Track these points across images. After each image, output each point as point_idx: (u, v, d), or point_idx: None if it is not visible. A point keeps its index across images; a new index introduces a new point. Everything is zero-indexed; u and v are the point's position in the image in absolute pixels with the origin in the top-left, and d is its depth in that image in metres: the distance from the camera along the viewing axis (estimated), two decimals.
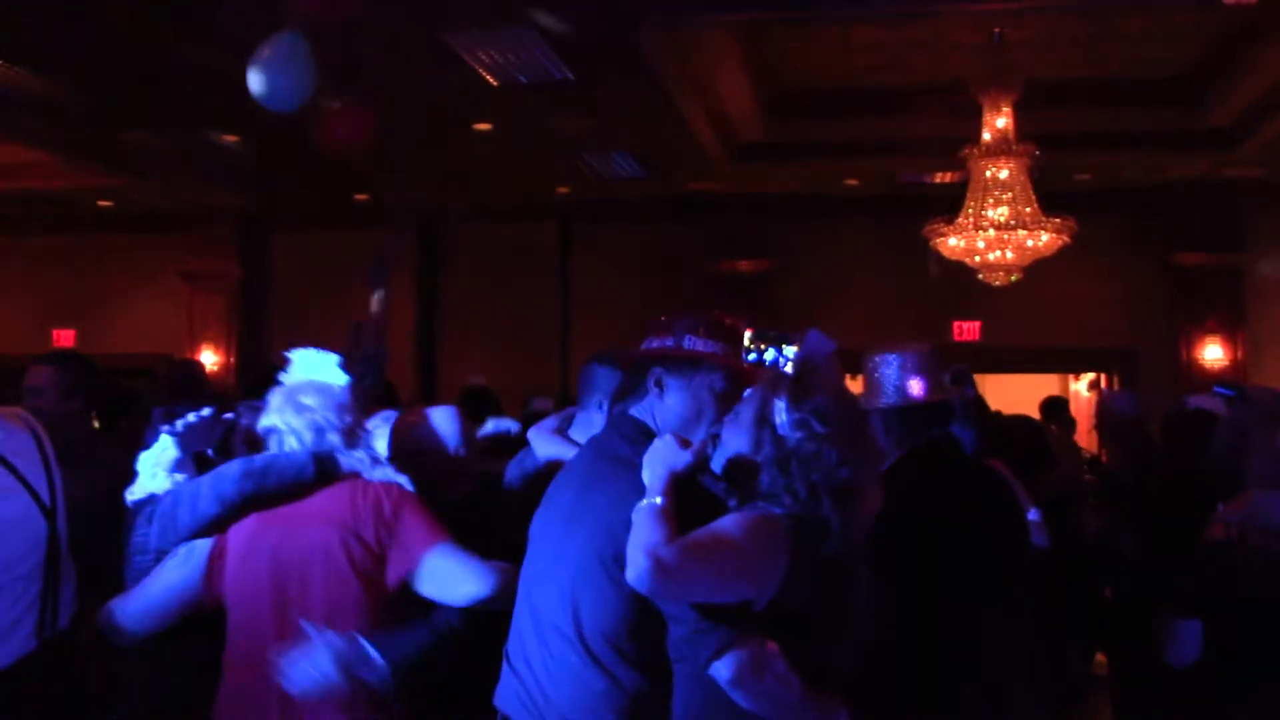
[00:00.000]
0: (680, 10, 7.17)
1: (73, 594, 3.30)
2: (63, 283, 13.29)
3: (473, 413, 4.14)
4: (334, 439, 2.97)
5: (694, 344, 2.59)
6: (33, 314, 13.27)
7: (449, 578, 2.78)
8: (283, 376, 3.12)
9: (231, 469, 2.86)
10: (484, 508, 3.33)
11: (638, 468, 2.40)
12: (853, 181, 11.44)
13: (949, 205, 9.31)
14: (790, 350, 2.84)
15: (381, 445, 3.26)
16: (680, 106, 8.76)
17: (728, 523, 2.35)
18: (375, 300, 4.71)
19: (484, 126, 9.39)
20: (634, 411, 2.63)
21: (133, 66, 7.91)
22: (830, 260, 12.07)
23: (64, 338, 13.25)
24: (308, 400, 2.99)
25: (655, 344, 2.64)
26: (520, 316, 12.60)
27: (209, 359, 12.70)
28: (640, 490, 2.34)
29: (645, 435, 2.54)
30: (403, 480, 3.01)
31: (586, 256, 12.69)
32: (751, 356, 2.77)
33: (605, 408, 3.44)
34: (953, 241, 9.04)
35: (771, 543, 2.34)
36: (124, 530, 3.32)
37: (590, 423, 3.59)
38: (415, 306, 12.96)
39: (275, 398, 3.02)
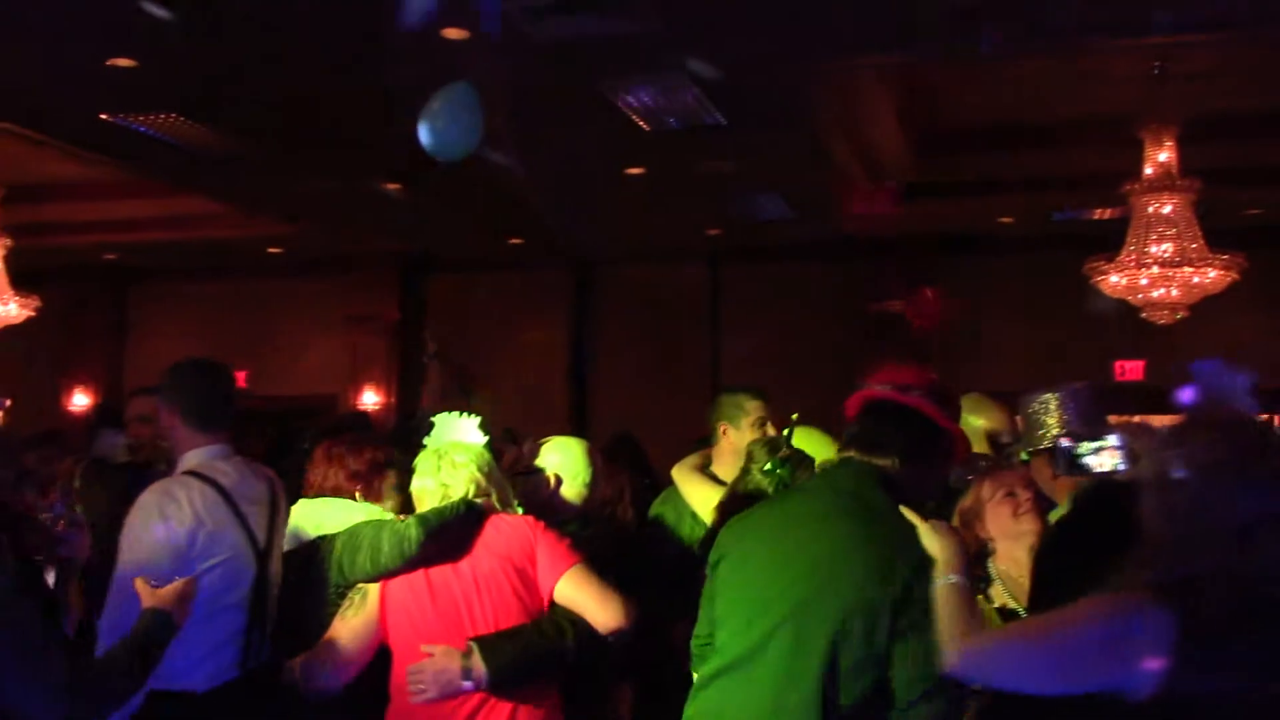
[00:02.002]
0: (832, 53, 7.18)
1: (268, 635, 3.51)
2: (234, 326, 13.88)
3: (618, 460, 4.28)
4: (483, 489, 3.24)
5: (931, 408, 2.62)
6: (204, 356, 13.85)
7: (581, 599, 2.99)
8: (428, 440, 3.39)
9: (408, 522, 3.08)
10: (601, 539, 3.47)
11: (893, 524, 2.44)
12: (1007, 219, 11.26)
13: (1108, 242, 9.10)
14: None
15: None
16: (830, 147, 8.77)
17: (1073, 609, 2.12)
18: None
19: (635, 171, 9.54)
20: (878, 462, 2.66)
21: (300, 119, 8.25)
22: (986, 299, 11.88)
23: (235, 379, 13.81)
24: (459, 459, 3.26)
25: (884, 392, 2.68)
26: (671, 358, 12.69)
27: (370, 399, 13.11)
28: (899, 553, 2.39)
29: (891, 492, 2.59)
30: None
31: (737, 299, 12.73)
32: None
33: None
34: (1114, 279, 8.82)
35: (1114, 627, 2.04)
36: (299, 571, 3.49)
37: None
38: (567, 348, 13.19)
39: (428, 459, 3.25)
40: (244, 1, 6.20)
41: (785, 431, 3.78)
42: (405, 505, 3.41)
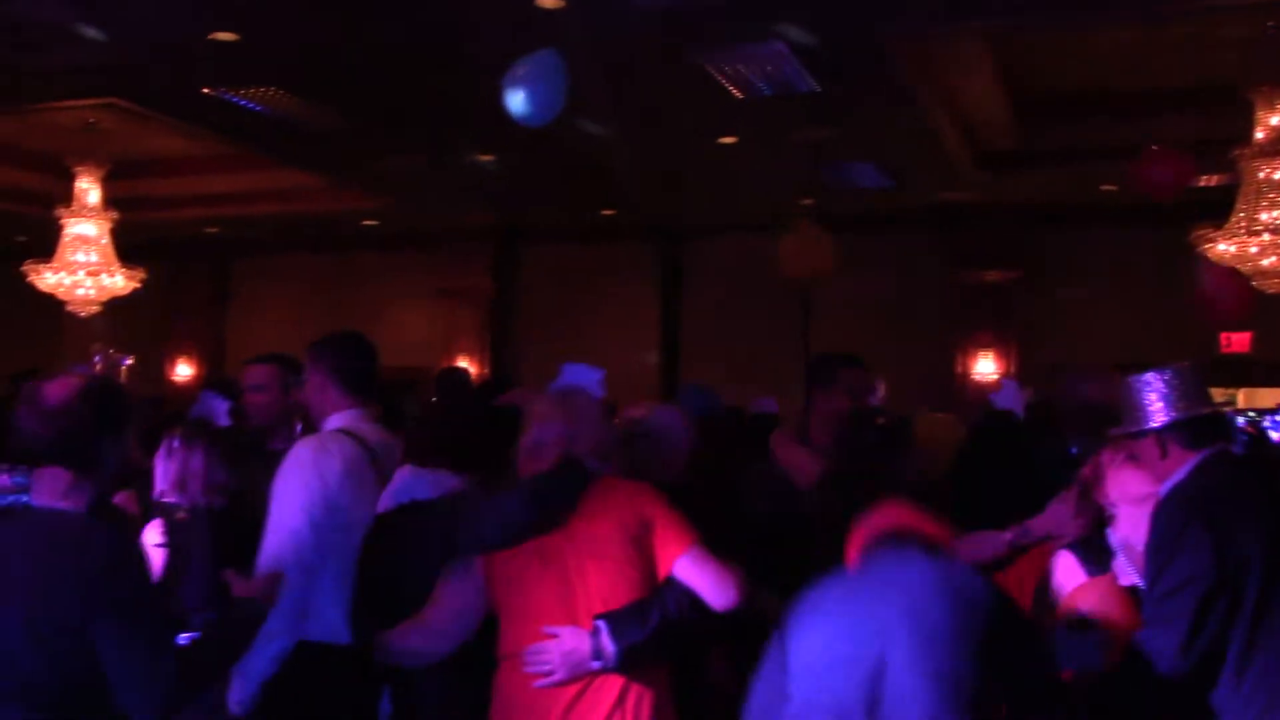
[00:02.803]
0: (928, 18, 7.06)
1: None
2: (330, 299, 14.08)
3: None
4: (602, 445, 3.14)
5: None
6: (303, 330, 14.05)
7: (703, 578, 2.91)
8: (552, 385, 3.33)
9: (513, 496, 3.01)
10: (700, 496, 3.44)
11: None
12: (1110, 187, 10.99)
13: (1214, 210, 8.83)
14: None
15: None
16: (926, 114, 8.63)
17: None
18: None
19: (728, 140, 9.48)
20: None
21: (395, 91, 8.33)
22: (1085, 270, 11.63)
23: None
24: (583, 407, 3.16)
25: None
26: (762, 329, 12.61)
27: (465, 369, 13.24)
28: None
29: None
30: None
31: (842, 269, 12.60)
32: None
33: None
34: (1222, 247, 8.56)
35: None
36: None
37: None
38: (658, 321, 13.18)
39: (544, 403, 3.16)
40: None
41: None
42: (500, 472, 3.38)
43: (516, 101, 5.33)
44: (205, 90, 8.17)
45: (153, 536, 3.16)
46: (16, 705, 2.40)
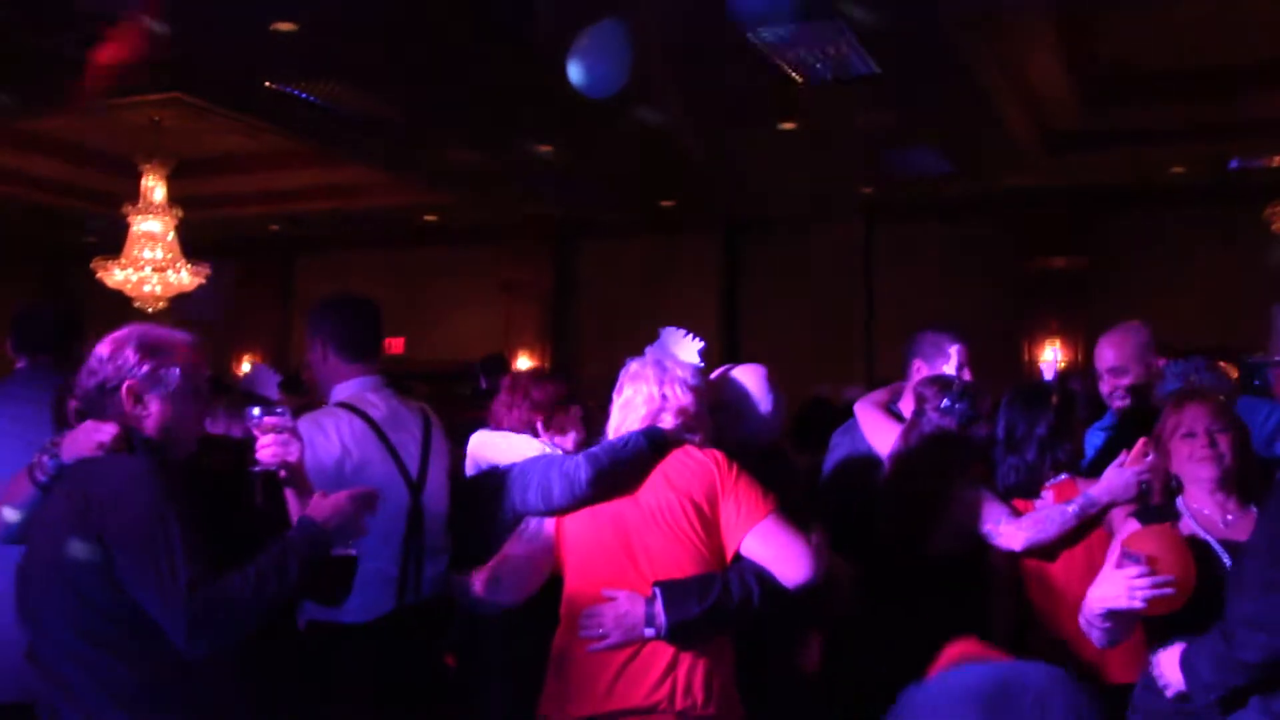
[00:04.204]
0: None
1: (442, 569, 3.52)
2: (392, 294, 14.10)
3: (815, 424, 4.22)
4: (693, 414, 3.05)
5: None
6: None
7: (773, 553, 2.84)
8: (649, 349, 3.26)
9: (579, 461, 2.96)
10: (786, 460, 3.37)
11: None
12: (1179, 169, 10.77)
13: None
14: None
15: None
16: (990, 95, 8.49)
17: None
18: None
19: (788, 125, 9.39)
20: None
21: (455, 83, 8.34)
22: (1157, 254, 11.39)
23: (394, 345, 14.15)
24: (681, 373, 3.07)
25: None
26: (824, 319, 12.50)
27: (524, 365, 13.25)
28: None
29: None
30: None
31: (892, 257, 12.47)
32: None
33: None
34: None
35: None
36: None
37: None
38: (717, 311, 13.11)
39: (647, 369, 3.10)
40: None
41: None
42: (589, 439, 3.33)
43: (579, 72, 5.30)
44: (267, 84, 8.23)
45: None
46: (72, 661, 2.43)
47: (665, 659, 2.83)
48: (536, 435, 3.45)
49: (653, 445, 2.95)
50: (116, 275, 10.71)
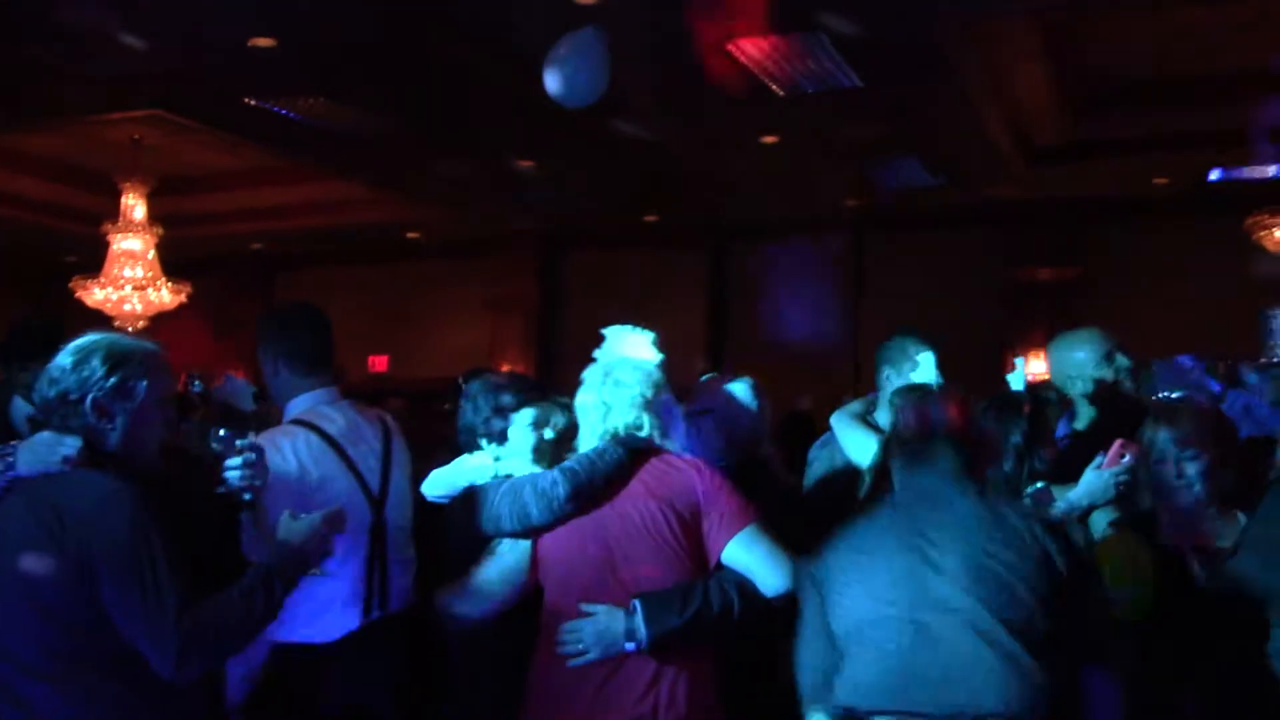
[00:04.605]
0: (976, 2, 6.92)
1: (409, 582, 3.44)
2: (376, 311, 14.10)
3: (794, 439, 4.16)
4: (647, 417, 3.01)
5: None
6: (350, 341, 14.10)
7: (752, 562, 2.83)
8: (598, 353, 3.20)
9: (553, 479, 2.92)
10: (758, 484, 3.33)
11: None
12: (1161, 180, 10.77)
13: (1265, 203, 8.62)
14: None
15: None
16: (974, 107, 8.47)
17: None
18: None
19: (771, 139, 9.36)
20: None
21: (436, 96, 8.29)
22: (1144, 264, 11.38)
23: (378, 363, 14.08)
24: (625, 377, 3.04)
25: None
26: (810, 331, 12.46)
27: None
28: None
29: None
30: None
31: (879, 269, 12.45)
32: None
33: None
34: None
35: None
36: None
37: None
38: (705, 324, 13.07)
39: (593, 374, 3.07)
40: None
41: None
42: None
43: (556, 82, 5.24)
44: (246, 100, 8.17)
45: None
46: (40, 679, 2.36)
47: (648, 673, 2.79)
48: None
49: (630, 453, 2.91)
50: (96, 294, 10.63)
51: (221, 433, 2.67)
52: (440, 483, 3.39)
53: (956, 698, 2.32)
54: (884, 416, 3.70)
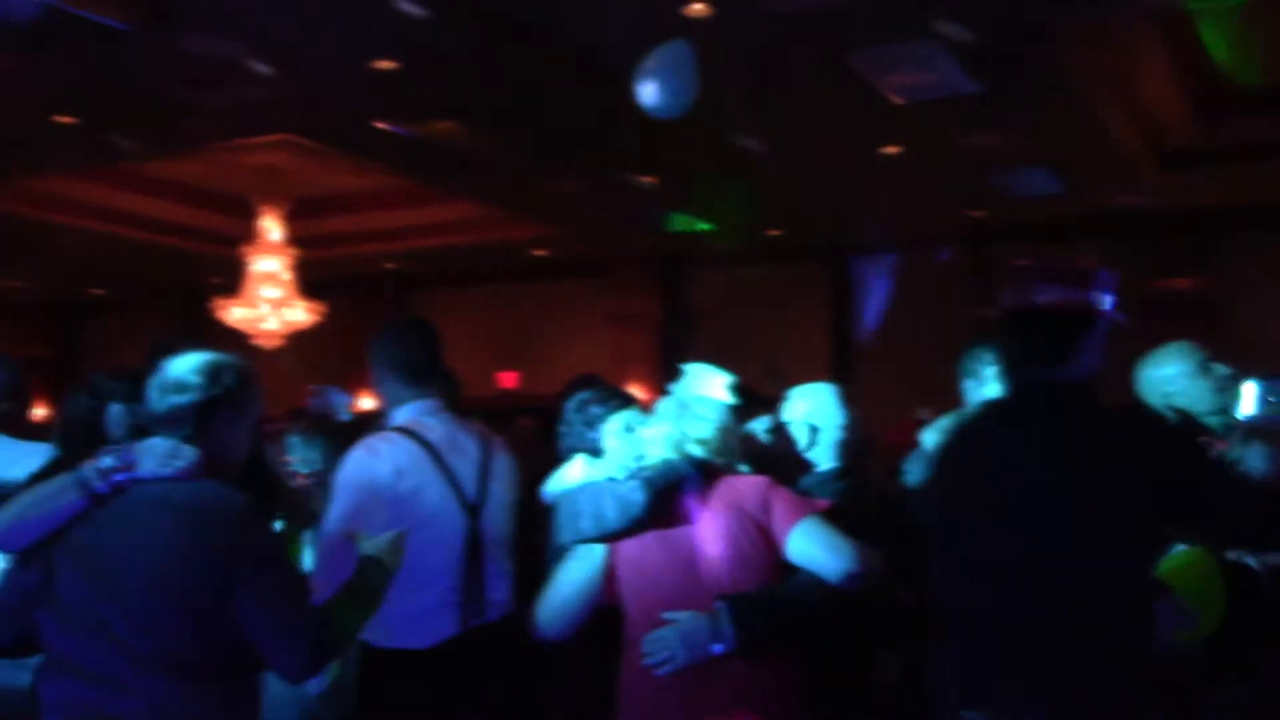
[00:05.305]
0: (1093, 4, 6.77)
1: (506, 594, 3.52)
2: (504, 328, 14.35)
3: None
4: (719, 447, 3.11)
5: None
6: (478, 359, 14.40)
7: (814, 549, 2.85)
8: (675, 387, 3.29)
9: (631, 485, 2.99)
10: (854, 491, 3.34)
11: None
12: None
13: None
14: None
15: None
16: (1098, 112, 8.28)
17: None
18: None
19: (891, 150, 9.28)
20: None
21: (555, 116, 8.42)
22: (1273, 276, 10.96)
23: (507, 379, 14.32)
24: (700, 411, 3.15)
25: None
26: (936, 347, 12.25)
27: (635, 395, 13.27)
28: None
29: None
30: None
31: (1002, 281, 12.19)
32: None
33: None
34: None
35: None
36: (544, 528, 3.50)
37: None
38: (828, 340, 12.99)
39: (670, 406, 3.14)
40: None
41: None
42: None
43: (648, 94, 5.30)
44: (372, 122, 8.41)
45: None
46: (169, 674, 2.47)
47: (736, 679, 2.79)
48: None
49: (700, 469, 2.98)
50: (235, 314, 11.03)
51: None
52: (546, 495, 3.50)
53: None
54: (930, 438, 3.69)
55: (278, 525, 3.60)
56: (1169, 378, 3.89)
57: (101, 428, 3.01)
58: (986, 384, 3.85)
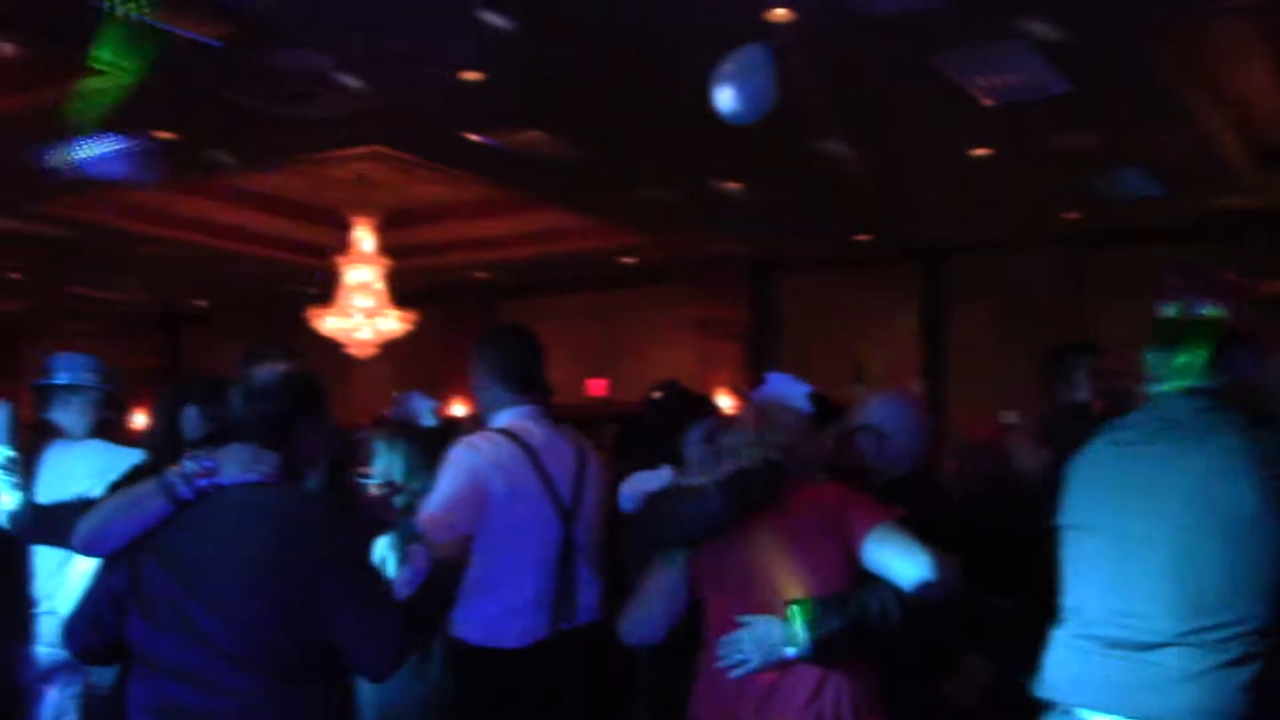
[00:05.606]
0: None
1: (596, 599, 3.55)
2: (592, 336, 14.42)
3: None
4: (792, 457, 3.08)
5: None
6: (569, 367, 14.48)
7: (890, 555, 2.82)
8: (754, 394, 3.31)
9: (709, 490, 2.99)
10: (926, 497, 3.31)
11: None
12: None
13: None
14: None
15: None
16: (1194, 110, 8.07)
17: None
18: None
19: (981, 152, 9.15)
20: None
21: (640, 124, 8.43)
22: None
23: (596, 387, 14.38)
24: (780, 419, 3.14)
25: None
26: (1032, 351, 12.03)
27: (723, 403, 13.24)
28: None
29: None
30: None
31: (1103, 284, 11.96)
32: None
33: None
34: None
35: None
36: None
37: None
38: (921, 346, 12.84)
39: (747, 412, 3.17)
40: (570, 1, 6.38)
41: None
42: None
43: (725, 100, 5.29)
44: (460, 133, 8.51)
45: None
46: (259, 673, 2.52)
47: (811, 681, 2.79)
48: None
49: (778, 472, 2.97)
50: (329, 324, 11.23)
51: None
52: (624, 500, 3.53)
53: None
54: None
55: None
56: None
57: (180, 433, 3.09)
58: (1078, 388, 3.79)
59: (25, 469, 3.79)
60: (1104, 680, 2.70)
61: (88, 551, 2.71)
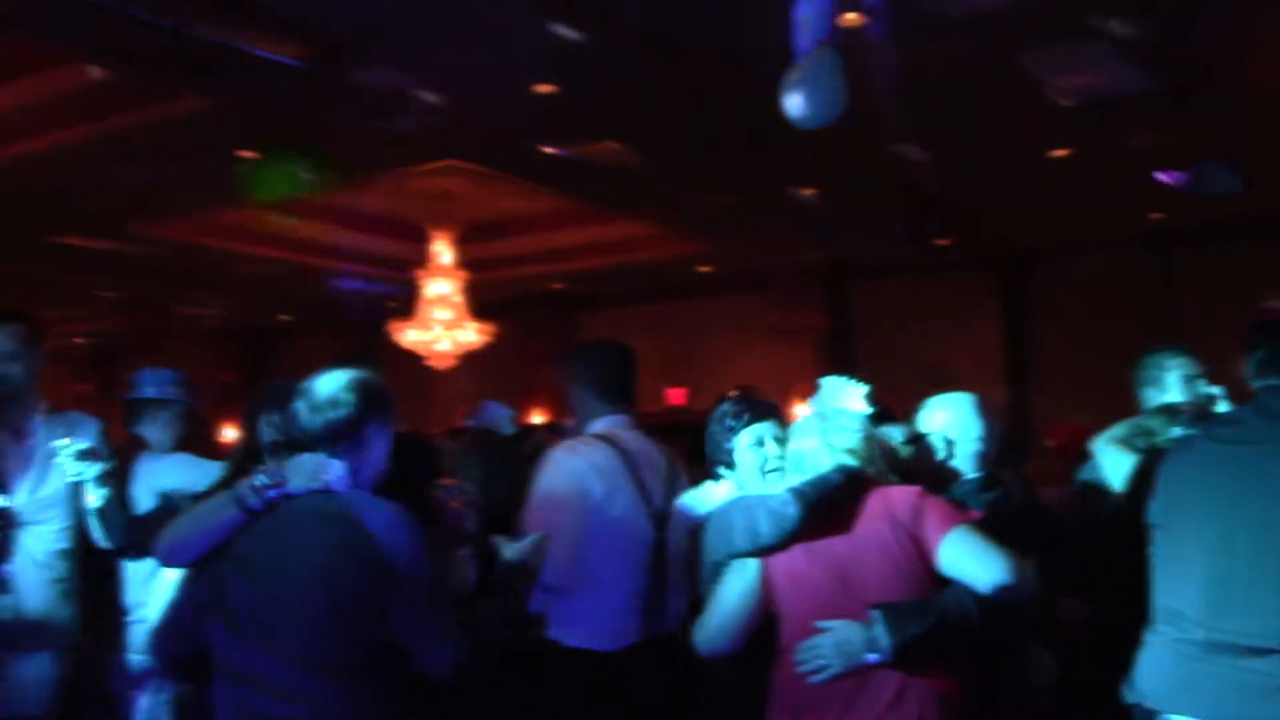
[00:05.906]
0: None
1: (684, 605, 3.58)
2: (669, 345, 14.41)
3: None
4: (861, 459, 3.08)
5: None
6: (648, 375, 14.45)
7: (966, 559, 2.80)
8: (814, 401, 3.29)
9: (784, 499, 2.97)
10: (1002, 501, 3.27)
11: None
12: None
13: None
14: None
15: None
16: (1278, 107, 7.89)
17: None
18: None
19: (1062, 153, 9.02)
20: None
21: (714, 132, 8.43)
22: None
23: (675, 395, 14.39)
24: (844, 423, 3.14)
25: None
26: (1120, 355, 11.81)
27: (799, 411, 13.16)
28: None
29: None
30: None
31: (1191, 283, 11.72)
32: None
33: None
34: None
35: None
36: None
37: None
38: (1003, 349, 12.68)
39: (810, 421, 3.16)
40: (639, 12, 6.41)
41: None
42: None
43: (795, 104, 5.29)
44: (536, 146, 8.58)
45: None
46: (332, 677, 2.58)
47: (893, 685, 2.77)
48: None
49: (852, 479, 2.95)
50: (409, 336, 11.38)
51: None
52: (685, 510, 3.55)
53: None
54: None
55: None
56: None
57: (258, 444, 3.16)
58: (1168, 390, 3.73)
59: (119, 481, 3.90)
60: (1203, 686, 2.65)
61: (168, 562, 2.80)
